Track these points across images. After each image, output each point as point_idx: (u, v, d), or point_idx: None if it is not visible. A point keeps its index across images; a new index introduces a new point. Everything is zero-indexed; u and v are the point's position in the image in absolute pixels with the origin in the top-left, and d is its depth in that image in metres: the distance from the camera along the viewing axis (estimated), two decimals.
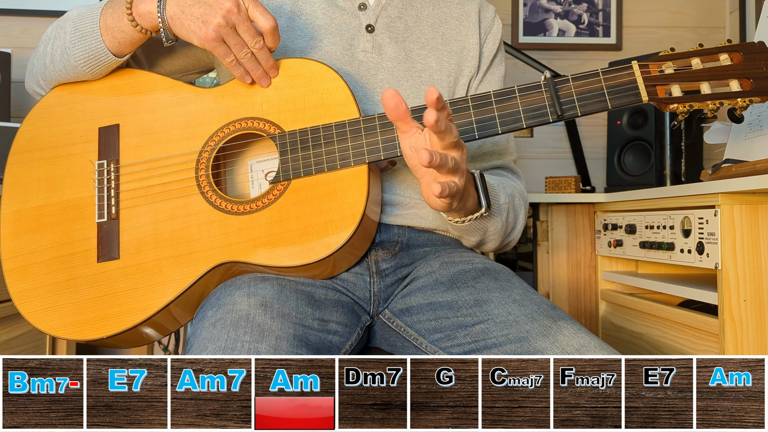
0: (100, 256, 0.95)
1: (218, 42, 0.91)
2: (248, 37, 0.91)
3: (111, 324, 0.92)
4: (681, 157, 2.03)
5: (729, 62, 0.92)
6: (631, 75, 0.91)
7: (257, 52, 0.93)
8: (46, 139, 1.02)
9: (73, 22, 0.99)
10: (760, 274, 1.32)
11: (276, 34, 0.92)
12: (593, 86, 0.91)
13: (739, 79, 0.91)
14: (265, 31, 0.91)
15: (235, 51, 0.92)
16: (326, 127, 0.93)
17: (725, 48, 0.93)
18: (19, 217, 0.99)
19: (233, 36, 0.91)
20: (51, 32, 1.03)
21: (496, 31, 1.17)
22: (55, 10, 2.29)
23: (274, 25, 0.91)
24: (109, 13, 0.96)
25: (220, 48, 0.91)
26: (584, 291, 2.08)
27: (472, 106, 0.91)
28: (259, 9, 0.91)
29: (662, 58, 0.93)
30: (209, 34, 0.89)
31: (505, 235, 1.06)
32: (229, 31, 0.90)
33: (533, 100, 0.91)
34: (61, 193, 0.99)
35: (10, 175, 1.02)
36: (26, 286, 0.96)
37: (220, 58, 0.93)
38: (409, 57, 1.07)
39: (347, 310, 0.96)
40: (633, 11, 2.48)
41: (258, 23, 0.91)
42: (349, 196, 0.90)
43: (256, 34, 0.92)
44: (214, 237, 0.92)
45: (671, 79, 0.92)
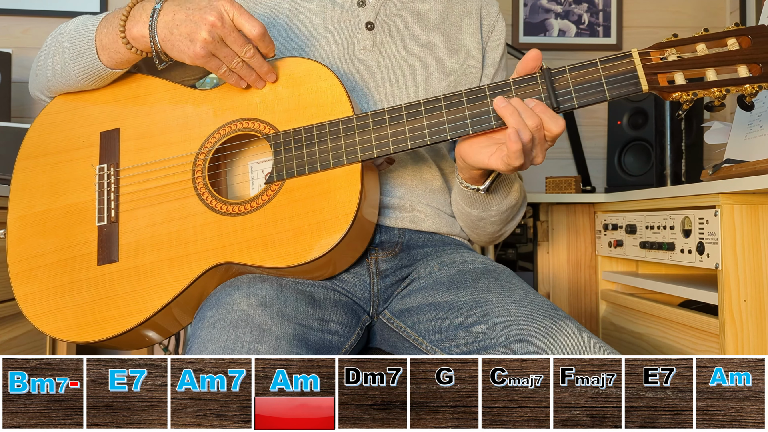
0: (100, 259, 0.96)
1: (208, 57, 0.90)
2: (237, 47, 0.90)
3: (110, 326, 0.93)
4: (681, 157, 2.03)
5: (737, 47, 0.86)
6: (630, 63, 0.86)
7: (249, 60, 0.92)
8: (50, 144, 1.03)
9: (71, 38, 0.99)
10: (760, 274, 1.32)
11: (266, 40, 0.91)
12: (591, 76, 0.88)
13: (747, 64, 0.85)
14: (254, 39, 0.90)
15: (226, 63, 0.91)
16: (320, 126, 0.93)
17: (733, 32, 0.87)
18: (24, 222, 1.00)
19: (222, 48, 0.90)
20: (51, 43, 1.03)
21: (500, 29, 1.15)
22: (55, 10, 2.29)
23: (261, 32, 0.90)
24: (104, 33, 0.96)
25: (212, 62, 0.91)
26: (584, 291, 2.08)
27: (467, 101, 0.90)
28: (245, 17, 0.89)
29: (664, 45, 0.87)
30: (197, 51, 0.89)
31: (505, 222, 1.08)
32: (218, 45, 0.89)
33: (529, 92, 0.89)
34: (65, 197, 1.00)
35: (17, 181, 1.03)
36: (31, 289, 0.97)
37: (214, 71, 0.93)
38: (409, 55, 1.07)
39: (347, 310, 0.96)
40: (633, 11, 2.48)
41: (245, 31, 0.90)
42: (342, 195, 0.90)
43: (246, 43, 0.90)
44: (210, 238, 0.93)
45: (674, 66, 0.86)
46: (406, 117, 0.91)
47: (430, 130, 0.90)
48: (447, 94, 0.91)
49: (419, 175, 1.06)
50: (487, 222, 1.07)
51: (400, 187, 1.04)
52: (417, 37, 1.08)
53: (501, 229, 1.10)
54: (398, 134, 0.91)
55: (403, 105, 0.91)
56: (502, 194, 1.03)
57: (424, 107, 0.91)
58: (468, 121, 0.89)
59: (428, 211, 1.05)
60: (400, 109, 0.91)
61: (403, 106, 0.91)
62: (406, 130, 0.91)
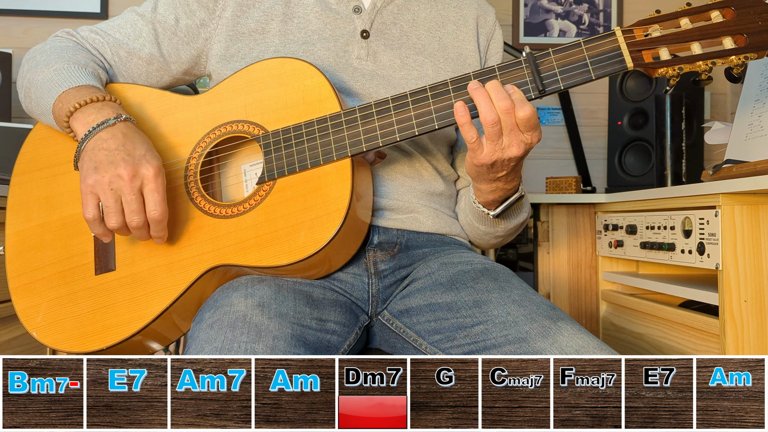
0: (97, 268, 0.96)
1: (92, 195, 0.88)
2: (128, 209, 0.87)
3: (110, 334, 0.93)
4: (682, 157, 2.03)
5: (721, 19, 0.85)
6: (614, 42, 0.87)
7: (133, 229, 0.89)
8: (44, 158, 1.04)
9: (36, 95, 0.99)
10: (760, 274, 1.32)
11: (159, 227, 0.89)
12: (575, 57, 0.88)
13: (732, 35, 0.84)
14: (149, 218, 0.88)
15: (104, 214, 0.88)
16: (308, 124, 0.93)
17: (716, 5, 0.86)
18: (22, 236, 1.01)
19: (110, 200, 0.87)
20: (25, 80, 1.03)
21: (497, 38, 1.16)
22: (55, 10, 2.29)
23: (158, 218, 0.87)
24: (59, 107, 0.95)
25: (90, 202, 0.88)
26: (585, 291, 2.08)
27: (452, 89, 0.90)
28: (155, 196, 0.87)
29: (647, 21, 0.87)
30: (87, 182, 0.87)
31: (510, 234, 1.10)
32: (108, 193, 0.87)
33: (514, 77, 0.88)
34: (60, 209, 1.00)
35: (12, 197, 1.04)
36: (31, 302, 0.97)
37: (83, 211, 0.89)
38: (404, 64, 1.06)
39: (345, 310, 0.96)
40: (633, 11, 2.48)
41: (147, 206, 0.88)
42: (333, 191, 0.90)
43: (140, 212, 0.88)
44: (205, 242, 0.93)
45: (658, 42, 0.86)
46: (394, 109, 0.91)
47: (417, 120, 0.90)
48: (433, 84, 0.91)
49: (417, 177, 1.06)
50: (492, 236, 1.09)
51: (398, 189, 1.04)
52: (412, 45, 1.08)
53: (504, 239, 1.13)
54: (386, 126, 0.91)
55: (390, 98, 0.91)
56: (511, 216, 1.05)
57: (411, 98, 0.91)
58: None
59: (427, 212, 1.05)
60: (387, 102, 0.91)
61: (390, 98, 0.91)
62: (394, 122, 0.91)
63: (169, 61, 1.07)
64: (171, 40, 1.06)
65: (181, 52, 1.07)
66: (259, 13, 1.05)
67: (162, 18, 1.06)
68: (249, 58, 1.03)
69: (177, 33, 1.06)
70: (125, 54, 1.06)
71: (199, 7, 1.05)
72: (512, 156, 0.88)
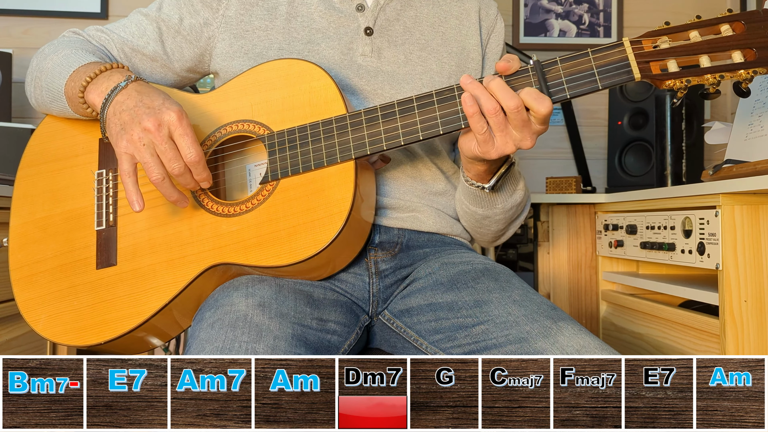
0: (98, 263, 0.96)
1: (128, 156, 0.88)
2: (166, 159, 0.87)
3: (108, 329, 0.93)
4: (682, 157, 2.03)
5: (730, 33, 0.85)
6: (622, 52, 0.87)
7: (177, 177, 0.88)
8: (51, 152, 1.04)
9: (47, 81, 1.01)
10: (761, 274, 1.32)
11: (199, 168, 0.88)
12: (582, 66, 0.88)
13: (741, 49, 0.84)
14: (188, 162, 0.88)
15: (146, 171, 0.88)
16: (313, 125, 0.93)
17: (726, 18, 0.86)
18: (26, 229, 1.01)
19: (147, 155, 0.87)
20: (34, 70, 1.05)
21: (498, 30, 1.15)
22: (55, 10, 2.29)
23: (196, 159, 0.87)
24: (71, 86, 0.97)
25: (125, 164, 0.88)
26: (585, 291, 2.08)
27: (459, 95, 0.89)
28: (186, 139, 0.87)
29: (656, 33, 0.87)
30: (122, 144, 0.88)
31: (509, 221, 1.08)
32: (142, 150, 0.87)
33: (521, 85, 0.88)
34: (64, 203, 1.01)
35: (18, 189, 1.04)
36: (32, 294, 0.97)
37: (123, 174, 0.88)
38: (408, 60, 1.07)
39: (346, 310, 0.96)
40: (634, 12, 2.48)
41: (181, 150, 0.87)
42: (336, 193, 0.90)
43: (177, 159, 0.87)
44: (206, 240, 0.93)
45: (666, 54, 0.86)
46: (399, 114, 0.91)
47: (422, 125, 0.90)
48: (439, 90, 0.91)
49: (419, 176, 1.06)
50: (492, 221, 1.07)
51: (400, 188, 1.04)
52: (416, 41, 1.08)
53: (505, 229, 1.11)
54: (391, 131, 0.91)
55: (396, 102, 0.91)
56: (507, 192, 1.03)
57: (417, 103, 0.91)
58: (460, 114, 0.89)
59: (428, 211, 1.05)
60: (392, 106, 0.91)
61: (395, 102, 0.91)
62: (398, 126, 0.91)
63: (172, 59, 1.08)
64: (175, 38, 1.07)
65: (184, 51, 1.07)
66: (262, 11, 1.06)
67: (166, 17, 1.07)
68: (252, 55, 1.03)
69: (180, 32, 1.06)
70: (130, 51, 1.08)
71: (203, 6, 1.06)
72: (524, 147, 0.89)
